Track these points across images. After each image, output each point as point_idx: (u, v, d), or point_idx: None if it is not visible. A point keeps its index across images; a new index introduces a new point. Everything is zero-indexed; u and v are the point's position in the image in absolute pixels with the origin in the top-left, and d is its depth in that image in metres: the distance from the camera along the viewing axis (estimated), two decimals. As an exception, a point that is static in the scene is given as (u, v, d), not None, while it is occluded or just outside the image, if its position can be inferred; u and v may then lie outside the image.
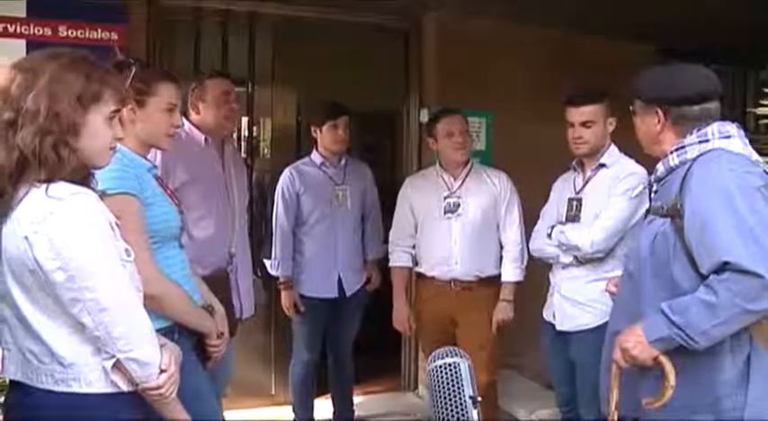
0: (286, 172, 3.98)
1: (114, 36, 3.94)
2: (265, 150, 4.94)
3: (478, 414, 1.80)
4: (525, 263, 3.59)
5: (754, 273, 1.85)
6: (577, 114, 3.08)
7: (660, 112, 2.16)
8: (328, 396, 4.25)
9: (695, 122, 2.12)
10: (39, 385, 1.68)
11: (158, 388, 1.73)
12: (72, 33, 3.89)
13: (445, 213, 3.58)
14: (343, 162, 4.02)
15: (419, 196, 3.70)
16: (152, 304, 2.09)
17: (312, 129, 4.00)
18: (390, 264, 3.80)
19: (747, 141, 2.13)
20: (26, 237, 1.60)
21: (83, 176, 1.71)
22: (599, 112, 3.07)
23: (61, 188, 1.63)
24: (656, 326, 1.99)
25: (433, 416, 1.84)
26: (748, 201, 1.93)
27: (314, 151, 4.02)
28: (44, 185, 1.62)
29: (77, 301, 1.62)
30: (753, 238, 1.88)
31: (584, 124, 3.07)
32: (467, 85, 4.58)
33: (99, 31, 3.93)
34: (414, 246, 3.73)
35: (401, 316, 3.76)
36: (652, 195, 2.30)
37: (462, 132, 3.59)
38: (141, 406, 1.76)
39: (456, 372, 1.82)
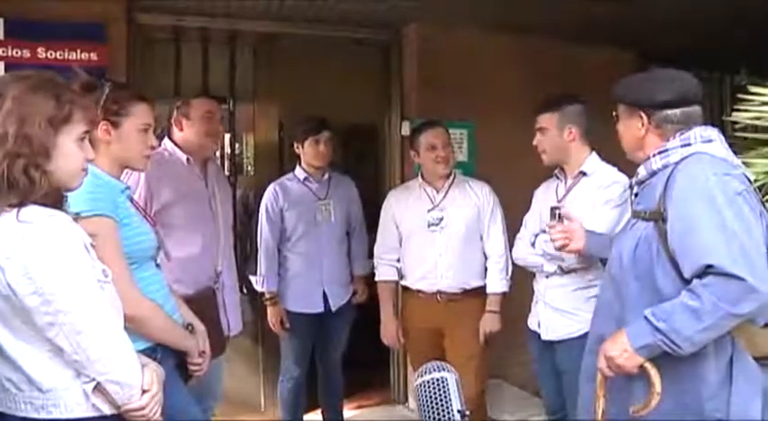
0: (270, 188, 3.99)
1: (94, 56, 3.92)
2: (249, 167, 4.94)
3: (467, 427, 1.79)
4: (510, 273, 3.60)
5: (736, 276, 1.86)
6: (536, 122, 3.15)
7: (644, 116, 2.19)
8: (318, 411, 4.24)
9: (678, 126, 2.15)
10: (19, 414, 1.66)
11: (141, 408, 1.72)
12: (51, 54, 3.86)
13: (429, 226, 3.58)
14: (326, 177, 4.02)
15: (402, 209, 3.70)
16: (133, 325, 2.08)
17: (294, 144, 4.00)
18: (376, 278, 3.80)
19: (728, 146, 2.16)
20: None
21: (55, 199, 1.70)
22: (552, 120, 3.09)
23: (32, 212, 1.61)
24: (641, 334, 2.00)
25: (423, 431, 1.83)
26: (731, 204, 1.95)
27: (297, 167, 4.03)
28: (15, 210, 1.60)
29: (53, 325, 1.61)
30: (735, 242, 1.90)
31: (540, 131, 3.13)
32: (448, 97, 4.60)
33: (78, 51, 3.90)
34: (399, 260, 3.73)
35: (389, 330, 3.75)
36: (633, 198, 2.32)
37: (445, 145, 3.60)
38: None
39: (444, 387, 1.81)
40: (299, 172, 4.01)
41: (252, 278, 4.00)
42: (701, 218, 1.96)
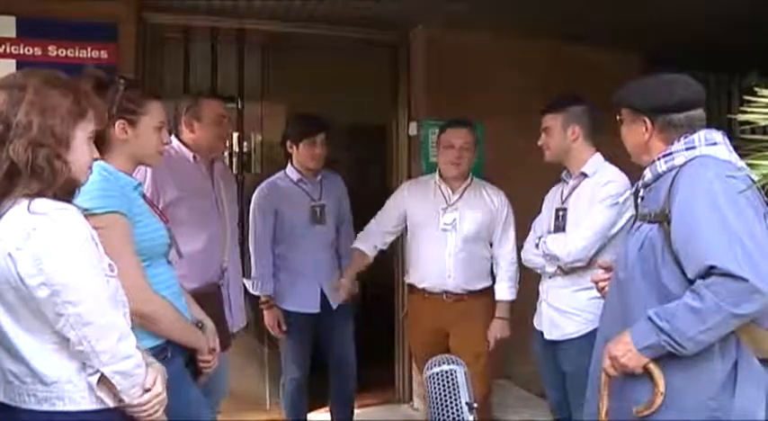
0: (261, 188, 3.89)
1: (104, 55, 3.96)
2: (256, 166, 4.96)
3: (475, 420, 1.81)
4: (518, 280, 3.60)
5: (739, 276, 1.86)
6: (542, 123, 3.19)
7: (647, 121, 2.20)
8: (320, 410, 4.22)
9: (681, 130, 2.16)
10: (22, 405, 1.68)
11: (141, 405, 1.74)
12: (62, 53, 3.91)
13: (442, 226, 3.56)
14: (319, 178, 3.92)
15: (416, 203, 3.68)
16: (145, 322, 2.10)
17: (288, 144, 3.87)
18: (354, 244, 3.74)
19: (733, 148, 2.16)
20: (9, 254, 1.60)
21: (69, 192, 1.72)
22: (555, 120, 3.14)
23: (44, 204, 1.63)
24: (645, 334, 2.01)
25: (432, 422, 1.85)
26: (734, 206, 1.96)
27: (289, 166, 3.90)
28: (26, 201, 1.62)
29: (61, 316, 1.62)
30: (738, 243, 1.90)
31: (545, 131, 3.18)
32: (456, 98, 4.60)
33: (89, 49, 3.95)
34: (384, 243, 3.73)
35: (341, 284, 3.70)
36: (639, 201, 2.33)
37: (461, 147, 3.55)
38: (128, 421, 1.76)
39: (452, 380, 1.83)
40: (291, 172, 3.88)
41: (246, 282, 3.76)
42: (703, 219, 1.96)
